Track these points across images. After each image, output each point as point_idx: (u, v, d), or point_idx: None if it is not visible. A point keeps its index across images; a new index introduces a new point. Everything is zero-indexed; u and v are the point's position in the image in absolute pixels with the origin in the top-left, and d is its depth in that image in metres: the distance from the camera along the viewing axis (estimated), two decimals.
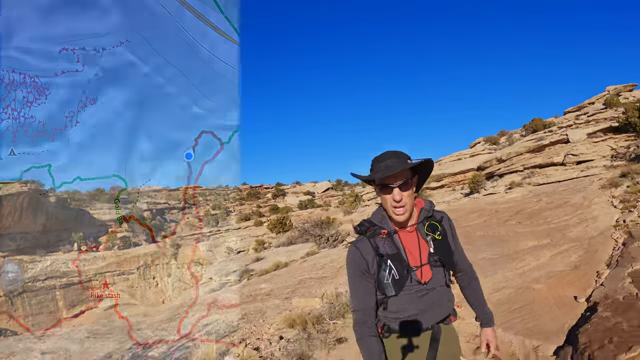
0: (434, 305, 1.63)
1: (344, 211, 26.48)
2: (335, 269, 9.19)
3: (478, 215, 11.16)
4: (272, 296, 7.91)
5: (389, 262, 1.58)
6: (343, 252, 11.25)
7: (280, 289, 8.38)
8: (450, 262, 1.65)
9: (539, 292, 4.76)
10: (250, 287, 9.39)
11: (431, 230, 1.62)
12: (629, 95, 29.57)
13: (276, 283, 9.60)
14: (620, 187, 10.55)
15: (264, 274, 11.37)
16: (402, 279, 1.58)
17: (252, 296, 8.49)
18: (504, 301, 4.59)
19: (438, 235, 1.62)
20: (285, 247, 16.58)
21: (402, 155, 1.58)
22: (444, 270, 1.63)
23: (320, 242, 14.91)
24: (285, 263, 12.66)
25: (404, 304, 1.61)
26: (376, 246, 1.61)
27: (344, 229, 15.79)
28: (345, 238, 14.25)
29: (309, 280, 8.54)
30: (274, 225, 22.46)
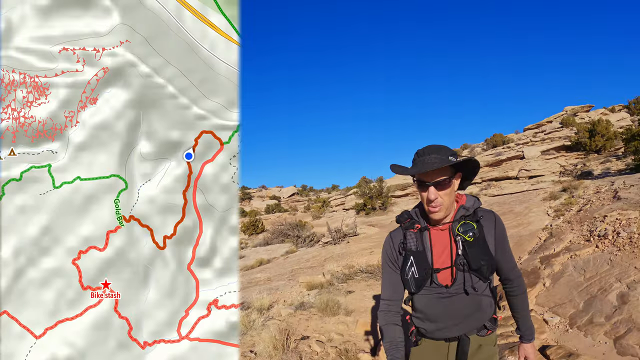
0: (460, 312, 1.51)
1: (313, 216, 27.08)
2: (321, 261, 10.31)
3: None
4: (274, 281, 8.94)
5: (411, 259, 1.52)
6: (322, 250, 12.29)
7: (277, 276, 9.32)
8: (482, 268, 1.46)
9: None
10: (246, 277, 9.93)
11: (463, 230, 1.50)
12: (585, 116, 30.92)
13: (270, 273, 10.31)
14: (558, 200, 12.22)
15: (250, 268, 11.78)
16: (422, 278, 1.51)
17: (254, 282, 9.28)
18: None
19: (469, 237, 1.48)
20: (262, 247, 17.11)
21: (445, 150, 1.49)
22: (474, 276, 1.47)
23: (297, 242, 15.43)
24: (267, 260, 13.17)
25: (427, 305, 1.55)
26: (404, 240, 1.56)
27: (318, 231, 16.48)
28: (320, 239, 14.84)
29: (300, 270, 9.88)
30: (247, 227, 23.02)
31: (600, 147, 21.35)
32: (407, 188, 26.49)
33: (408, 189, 26.42)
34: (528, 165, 22.28)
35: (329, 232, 14.00)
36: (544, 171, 21.02)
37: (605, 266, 5.15)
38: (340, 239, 13.43)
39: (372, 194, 24.16)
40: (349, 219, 17.86)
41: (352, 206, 28.18)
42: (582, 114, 31.33)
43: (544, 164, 21.90)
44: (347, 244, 12.31)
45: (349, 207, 29.24)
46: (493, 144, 32.56)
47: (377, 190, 24.18)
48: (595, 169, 18.21)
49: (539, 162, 22.35)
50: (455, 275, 1.48)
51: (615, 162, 17.91)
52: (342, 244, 12.73)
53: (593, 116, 29.18)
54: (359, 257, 9.27)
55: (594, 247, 6.03)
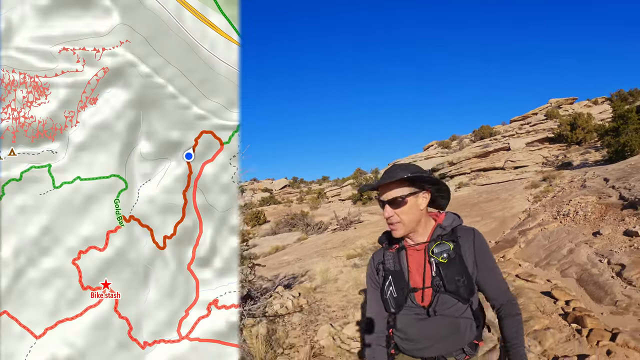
0: (437, 334, 1.47)
1: (311, 206, 27.73)
2: (339, 243, 11.85)
3: None
4: (305, 259, 10.54)
5: (390, 278, 1.52)
6: (334, 235, 13.84)
7: (305, 256, 10.85)
8: (459, 289, 1.41)
9: None
10: (274, 260, 10.83)
11: (437, 251, 1.45)
12: (569, 108, 31.63)
13: (296, 255, 11.33)
14: (538, 188, 14.14)
15: (269, 254, 12.48)
16: (400, 297, 1.50)
17: (285, 263, 10.48)
18: None
19: (443, 258, 1.43)
20: (271, 236, 17.82)
21: (409, 168, 1.46)
22: (451, 297, 1.43)
23: (307, 229, 16.35)
24: (282, 246, 13.90)
25: (406, 325, 1.53)
26: (383, 259, 1.56)
27: (322, 220, 17.86)
28: (327, 226, 16.21)
29: (324, 250, 11.14)
30: (249, 219, 23.72)
31: (581, 139, 22.77)
32: None
33: None
34: (513, 156, 23.41)
35: (337, 220, 15.37)
36: (528, 162, 22.34)
37: (563, 234, 7.53)
38: (347, 225, 14.84)
39: None
40: (352, 208, 18.95)
41: (349, 197, 28.75)
42: (566, 106, 32.07)
43: (528, 155, 23.17)
44: (355, 230, 14.00)
45: (344, 197, 29.75)
46: (481, 135, 33.28)
47: (372, 182, 25.20)
48: (574, 160, 19.67)
49: (523, 153, 23.52)
50: (432, 297, 1.45)
51: (594, 154, 19.38)
52: (349, 229, 14.31)
53: (577, 108, 30.19)
54: (374, 237, 10.49)
55: (558, 223, 8.43)
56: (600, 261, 5.66)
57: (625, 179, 9.57)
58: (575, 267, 5.83)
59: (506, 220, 10.56)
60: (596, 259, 5.78)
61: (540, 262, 6.70)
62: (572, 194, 10.29)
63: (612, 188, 9.22)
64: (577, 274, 5.63)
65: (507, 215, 10.99)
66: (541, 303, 4.31)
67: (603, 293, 4.69)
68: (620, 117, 16.94)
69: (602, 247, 6.15)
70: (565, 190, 11.54)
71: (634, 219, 6.76)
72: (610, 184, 9.79)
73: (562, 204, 9.60)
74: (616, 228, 6.70)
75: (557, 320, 3.91)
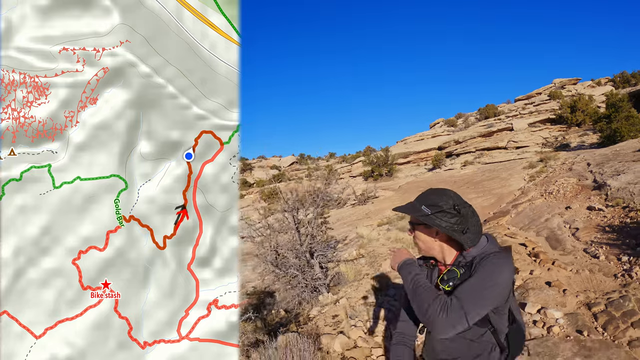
0: (455, 353, 1.53)
1: (324, 183, 28.66)
2: (362, 215, 14.24)
3: (442, 184, 17.26)
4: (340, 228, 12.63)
5: None
6: (355, 209, 15.82)
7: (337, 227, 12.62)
8: None
9: None
10: None
11: (446, 278, 1.47)
12: (572, 89, 31.64)
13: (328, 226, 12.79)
14: (534, 169, 15.58)
15: None
16: None
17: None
18: None
19: (448, 286, 1.44)
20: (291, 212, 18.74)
21: (431, 199, 1.52)
22: None
23: (328, 204, 17.59)
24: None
25: (430, 340, 1.65)
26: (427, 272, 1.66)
27: (340, 196, 19.32)
28: (346, 202, 17.69)
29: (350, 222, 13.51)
30: (267, 196, 24.77)
31: (581, 122, 23.61)
32: (408, 156, 30.09)
33: (410, 157, 30.08)
34: (516, 137, 24.46)
35: (354, 195, 16.95)
36: (529, 142, 23.38)
37: (544, 207, 9.51)
38: (364, 200, 16.35)
39: (379, 162, 27.21)
40: (366, 184, 20.75)
41: (360, 173, 29.49)
42: (569, 87, 32.15)
43: (530, 136, 24.20)
44: (373, 204, 15.91)
45: (355, 174, 30.37)
46: (485, 115, 33.64)
47: (383, 159, 27.23)
48: (572, 142, 20.45)
49: (525, 134, 24.62)
50: None
51: (592, 136, 20.21)
52: (368, 204, 16.09)
53: (580, 89, 30.24)
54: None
55: (543, 199, 10.43)
56: (564, 226, 7.77)
57: (603, 164, 11.56)
58: (547, 230, 7.93)
59: (503, 196, 12.77)
60: (562, 225, 7.90)
61: (524, 227, 8.76)
62: (559, 175, 12.31)
63: (590, 172, 11.31)
64: (547, 234, 7.74)
65: (504, 192, 13.26)
66: (517, 249, 6.82)
67: (559, 244, 6.97)
68: (612, 105, 17.96)
69: (569, 217, 8.22)
70: (555, 171, 13.53)
71: (597, 197, 8.91)
72: (590, 168, 11.80)
73: (549, 184, 11.66)
74: (583, 204, 8.82)
75: (524, 256, 6.44)
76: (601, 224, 7.24)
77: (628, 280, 4.87)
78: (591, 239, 6.65)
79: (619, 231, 6.60)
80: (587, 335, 3.96)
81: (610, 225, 7.00)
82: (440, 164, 25.45)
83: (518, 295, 4.89)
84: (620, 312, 4.17)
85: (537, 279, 5.39)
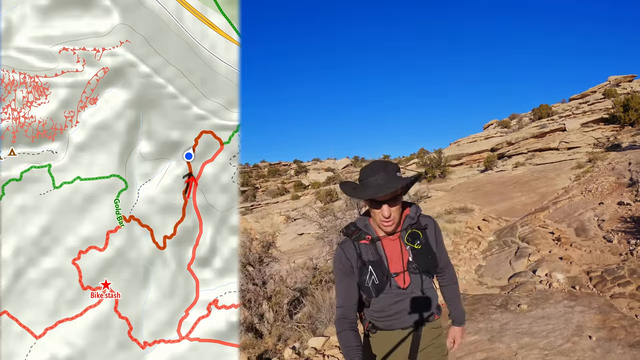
0: (415, 307, 1.71)
1: None
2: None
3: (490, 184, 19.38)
4: None
5: (370, 268, 1.65)
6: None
7: None
8: (430, 270, 1.71)
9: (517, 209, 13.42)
10: None
11: (411, 239, 1.68)
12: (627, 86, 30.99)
13: None
14: (582, 169, 16.24)
15: None
16: (382, 283, 1.66)
17: None
18: (502, 211, 13.56)
19: (417, 244, 1.67)
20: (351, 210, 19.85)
21: (391, 167, 1.62)
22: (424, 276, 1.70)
23: None
24: None
25: (385, 305, 1.70)
26: (359, 251, 1.68)
27: None
28: None
29: None
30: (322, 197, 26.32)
31: (634, 121, 22.64)
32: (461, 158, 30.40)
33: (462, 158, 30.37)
34: (567, 137, 24.56)
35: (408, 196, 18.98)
36: (580, 143, 23.38)
37: (581, 204, 10.74)
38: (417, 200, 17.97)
39: (432, 164, 27.86)
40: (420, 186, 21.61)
41: None
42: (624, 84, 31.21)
43: (582, 136, 24.23)
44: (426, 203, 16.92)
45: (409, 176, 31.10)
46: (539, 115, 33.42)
47: (436, 161, 27.97)
48: (624, 142, 20.05)
49: (577, 134, 24.65)
50: (410, 278, 1.67)
51: None
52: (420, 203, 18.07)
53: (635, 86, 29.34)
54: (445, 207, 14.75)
55: (582, 196, 11.52)
56: (594, 219, 8.81)
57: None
58: (577, 222, 9.09)
59: (546, 194, 14.01)
60: (592, 218, 8.95)
61: (558, 220, 10.04)
62: (601, 175, 13.14)
63: (629, 171, 12.12)
64: (576, 225, 8.91)
65: (549, 190, 14.51)
66: (545, 235, 8.16)
67: (583, 233, 8.20)
68: None
69: (600, 211, 9.16)
70: (600, 171, 14.26)
71: (629, 194, 9.70)
72: (630, 167, 12.60)
73: (590, 183, 12.57)
74: (615, 200, 9.64)
75: (549, 240, 7.88)
76: (625, 216, 8.16)
77: (629, 257, 5.88)
78: (612, 228, 7.70)
79: (638, 221, 7.59)
80: (578, 289, 5.13)
81: (632, 217, 7.91)
82: (492, 166, 25.44)
83: (535, 265, 6.45)
84: (611, 277, 5.18)
85: (554, 255, 6.71)
